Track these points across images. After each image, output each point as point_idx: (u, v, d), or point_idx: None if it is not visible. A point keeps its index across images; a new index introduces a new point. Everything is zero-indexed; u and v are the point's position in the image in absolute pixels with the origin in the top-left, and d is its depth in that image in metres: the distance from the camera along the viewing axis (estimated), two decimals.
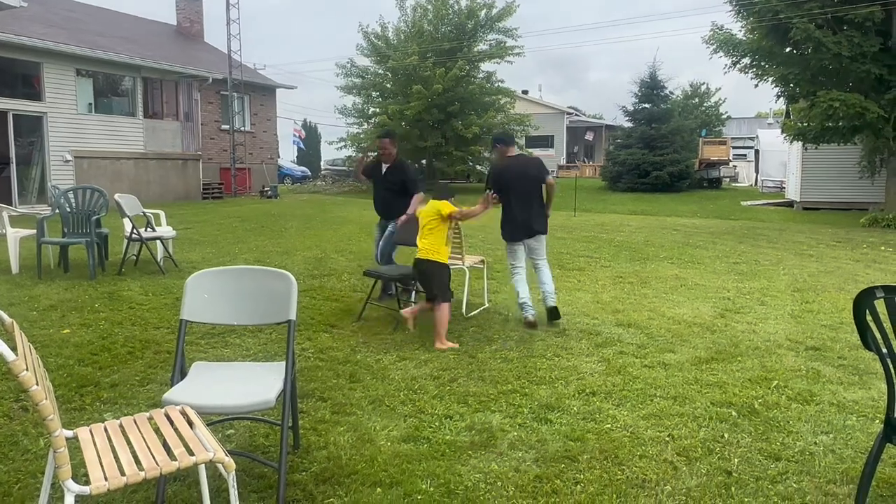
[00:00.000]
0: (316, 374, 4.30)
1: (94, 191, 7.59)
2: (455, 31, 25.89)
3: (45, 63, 16.16)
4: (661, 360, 4.72)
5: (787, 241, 12.02)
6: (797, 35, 13.39)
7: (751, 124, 51.60)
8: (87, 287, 6.80)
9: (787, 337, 5.44)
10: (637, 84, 28.28)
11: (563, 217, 16.39)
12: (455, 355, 4.77)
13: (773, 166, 28.88)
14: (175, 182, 19.71)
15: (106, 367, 4.36)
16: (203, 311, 3.04)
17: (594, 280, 7.86)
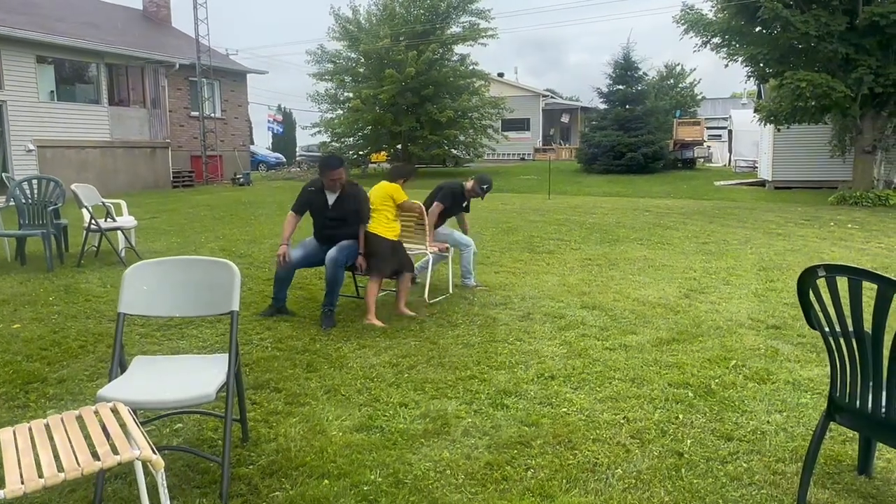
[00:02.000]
0: (272, 365, 4.22)
1: (50, 181, 7.39)
2: (427, 14, 25.63)
3: (2, 50, 15.71)
4: (623, 342, 4.71)
5: (757, 221, 12.11)
6: (765, 14, 13.41)
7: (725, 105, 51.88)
8: (44, 280, 6.64)
9: (749, 316, 5.47)
10: (611, 66, 28.28)
11: (537, 200, 16.37)
12: (416, 341, 4.73)
13: (745, 146, 29.08)
14: (144, 171, 19.36)
15: (55, 363, 4.25)
16: (142, 303, 2.95)
17: (563, 263, 7.85)
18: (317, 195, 5.48)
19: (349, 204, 5.40)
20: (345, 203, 5.39)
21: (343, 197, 5.40)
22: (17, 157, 16.04)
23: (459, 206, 6.66)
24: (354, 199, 5.42)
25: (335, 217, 5.39)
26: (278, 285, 5.47)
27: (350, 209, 5.37)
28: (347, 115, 26.02)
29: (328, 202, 5.41)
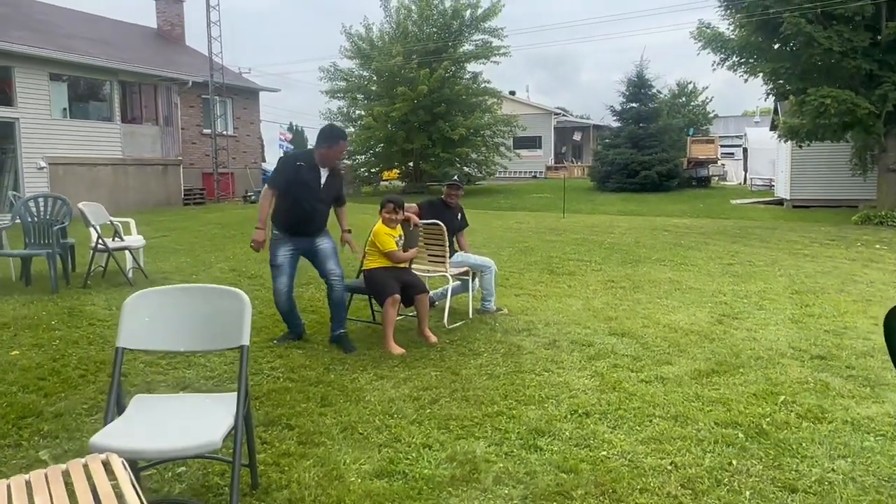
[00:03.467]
0: (284, 398, 3.93)
1: (57, 199, 7.18)
2: (440, 32, 25.58)
3: (16, 67, 15.68)
4: (659, 374, 4.39)
5: (781, 241, 11.76)
6: (787, 30, 13.15)
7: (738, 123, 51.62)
8: (48, 302, 6.40)
9: (790, 344, 5.13)
10: (624, 83, 28.09)
11: (552, 219, 16.08)
12: (437, 372, 4.42)
13: (761, 164, 28.75)
14: (155, 188, 19.25)
15: (53, 394, 3.97)
16: (144, 336, 2.68)
17: (585, 285, 7.53)
18: (309, 172, 4.86)
19: (337, 184, 5.10)
20: (335, 182, 5.05)
21: (333, 174, 5.01)
22: (29, 174, 15.95)
23: (442, 217, 5.80)
24: (341, 179, 5.18)
25: (324, 199, 4.97)
26: (289, 315, 5.13)
27: (335, 191, 5.06)
28: (359, 133, 25.92)
29: (321, 180, 4.91)
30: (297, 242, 4.95)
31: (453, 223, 6.09)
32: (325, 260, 4.99)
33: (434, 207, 6.08)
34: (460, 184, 6.27)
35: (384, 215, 5.13)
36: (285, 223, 4.93)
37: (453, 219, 6.11)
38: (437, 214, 5.86)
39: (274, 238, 4.98)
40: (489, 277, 6.01)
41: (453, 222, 6.09)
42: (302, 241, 4.96)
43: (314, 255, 5.02)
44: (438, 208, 6.08)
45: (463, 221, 6.31)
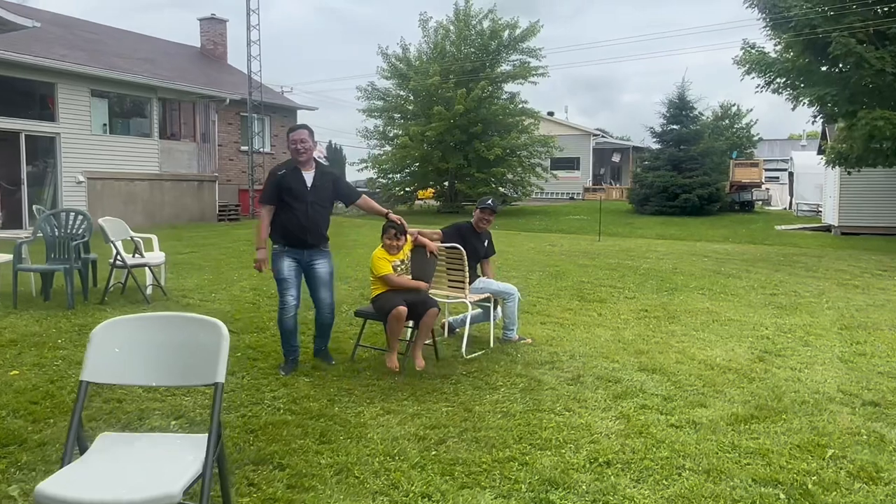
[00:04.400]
0: (281, 433, 3.66)
1: (78, 214, 7.12)
2: (478, 52, 25.49)
3: (59, 83, 16.04)
4: (691, 418, 4.00)
5: (828, 270, 11.14)
6: (837, 50, 12.58)
7: (783, 146, 50.36)
8: (61, 318, 6.29)
9: (839, 388, 4.67)
10: (665, 105, 27.55)
11: (586, 242, 15.65)
12: (448, 407, 4.11)
13: (808, 189, 27.77)
14: (190, 203, 19.43)
15: (41, 420, 3.78)
16: (112, 369, 2.45)
17: (616, 314, 7.14)
18: (292, 176, 4.71)
19: (327, 179, 4.86)
20: (325, 181, 4.83)
21: (320, 173, 4.82)
22: (68, 188, 16.23)
23: (468, 243, 5.56)
24: (331, 173, 4.97)
25: (316, 201, 4.77)
26: (292, 336, 4.90)
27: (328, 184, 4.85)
28: (395, 152, 25.89)
29: (307, 183, 4.75)
30: (296, 254, 4.82)
31: (479, 250, 5.80)
32: (320, 286, 4.91)
33: (461, 233, 5.74)
34: (495, 208, 5.87)
35: (385, 241, 4.90)
36: (281, 233, 4.80)
37: (480, 245, 5.82)
38: (464, 240, 5.55)
39: (275, 252, 4.84)
40: (512, 305, 5.68)
41: (479, 249, 5.80)
42: (300, 253, 4.82)
43: (309, 275, 4.90)
44: (466, 234, 5.74)
45: (490, 248, 6.00)
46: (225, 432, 3.63)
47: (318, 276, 4.88)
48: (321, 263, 4.89)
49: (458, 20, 25.73)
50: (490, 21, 25.55)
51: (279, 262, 4.78)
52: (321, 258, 4.89)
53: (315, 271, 4.87)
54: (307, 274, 4.89)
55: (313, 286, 4.92)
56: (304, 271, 4.87)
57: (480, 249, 5.81)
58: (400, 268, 4.92)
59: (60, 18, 20.99)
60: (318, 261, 4.87)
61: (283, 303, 4.82)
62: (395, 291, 4.83)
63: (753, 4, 14.45)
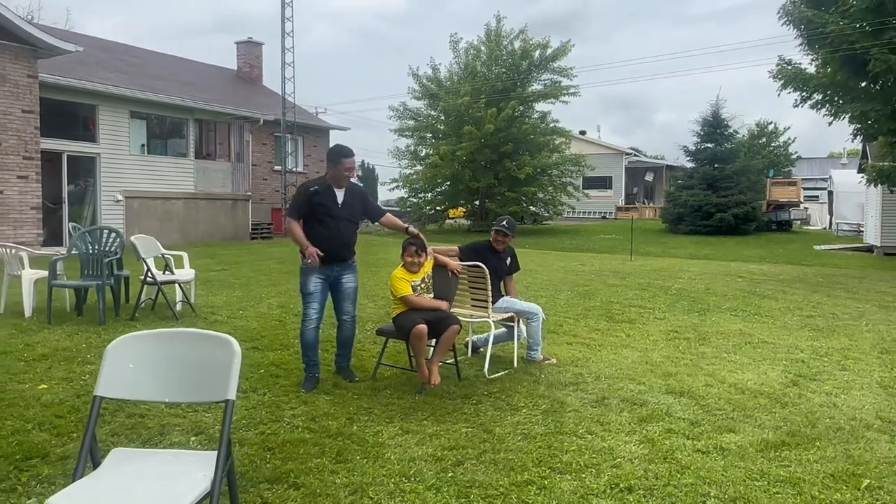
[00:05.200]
0: (297, 451, 3.64)
1: (111, 231, 7.28)
2: (508, 72, 25.57)
3: (100, 105, 16.55)
4: (719, 443, 3.86)
5: (869, 291, 10.78)
6: (877, 67, 12.27)
7: (823, 165, 49.31)
8: (92, 334, 6.41)
9: (878, 414, 4.48)
10: (699, 123, 27.22)
11: (617, 261, 15.45)
12: (468, 428, 4.05)
13: (849, 208, 27.08)
14: (224, 222, 19.78)
15: (65, 434, 3.83)
16: (125, 384, 2.46)
17: (645, 335, 6.99)
18: (325, 194, 4.84)
19: (359, 201, 5.02)
20: (355, 199, 4.97)
21: (350, 192, 4.94)
22: (106, 207, 16.67)
23: (489, 262, 5.45)
24: (360, 191, 5.10)
25: (347, 217, 4.94)
26: (311, 350, 4.91)
27: (360, 207, 5.01)
28: (426, 171, 26.02)
29: (338, 200, 4.87)
30: (325, 271, 4.88)
31: (500, 267, 5.75)
32: (344, 299, 5.04)
33: (479, 252, 5.69)
34: (508, 231, 5.77)
35: (406, 259, 4.88)
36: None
37: (500, 263, 5.77)
38: (483, 259, 5.49)
39: (303, 266, 4.90)
40: (536, 325, 5.60)
41: (500, 266, 5.75)
42: (330, 269, 4.91)
43: (336, 290, 5.01)
44: (483, 253, 5.68)
45: (513, 265, 5.96)
46: (242, 449, 3.64)
47: (344, 289, 5.01)
48: (348, 278, 5.02)
49: (489, 40, 25.89)
50: (521, 41, 25.64)
51: (307, 277, 4.87)
52: (348, 272, 5.03)
53: (342, 285, 5.00)
54: (334, 288, 4.98)
55: (339, 299, 5.03)
56: (330, 286, 4.96)
57: (501, 268, 5.76)
58: (420, 287, 4.89)
59: (103, 43, 21.73)
60: (346, 275, 5.00)
61: (306, 314, 4.89)
62: (415, 310, 4.80)
63: (789, 21, 14.23)
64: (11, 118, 13.52)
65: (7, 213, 13.55)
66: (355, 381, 4.98)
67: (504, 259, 5.82)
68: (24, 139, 13.73)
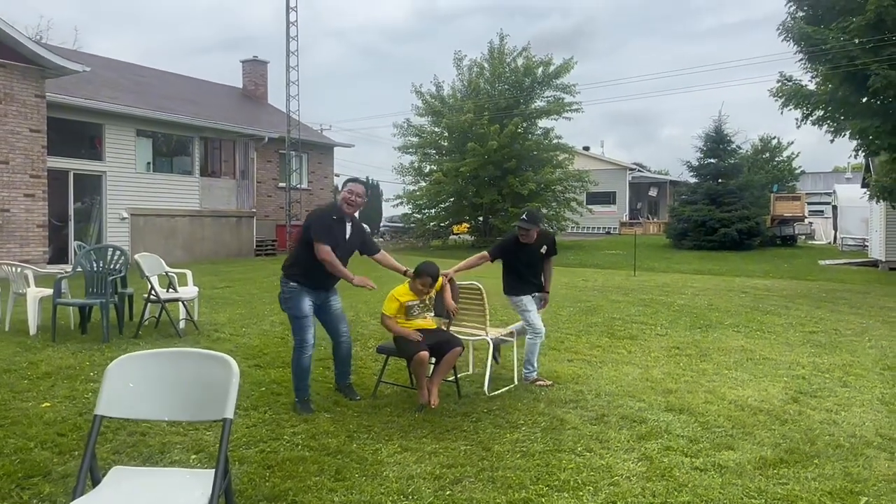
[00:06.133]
0: (297, 469, 3.66)
1: (116, 249, 7.35)
2: (512, 89, 25.76)
3: (106, 124, 16.72)
4: (717, 461, 3.87)
5: (873, 307, 10.76)
6: (877, 83, 12.34)
7: (827, 179, 49.26)
8: (96, 352, 6.45)
9: (878, 431, 4.48)
10: (702, 139, 27.32)
11: (621, 277, 15.45)
12: (467, 446, 4.06)
13: (853, 223, 27.05)
14: (228, 239, 19.88)
15: (67, 452, 3.87)
16: (125, 403, 2.50)
17: (646, 351, 7.00)
18: (339, 225, 4.86)
19: (359, 234, 5.05)
20: (356, 235, 5.01)
21: (355, 227, 4.99)
22: (112, 224, 16.79)
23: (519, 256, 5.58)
24: (361, 231, 5.10)
25: (349, 250, 4.99)
26: (307, 375, 4.84)
27: (358, 243, 5.02)
28: (430, 187, 26.14)
29: (346, 234, 4.91)
30: (316, 296, 4.88)
31: (534, 259, 5.67)
32: (337, 321, 5.07)
33: (505, 250, 5.68)
34: (529, 223, 5.56)
35: (417, 285, 4.85)
36: (311, 277, 4.82)
37: (533, 255, 5.65)
38: (512, 254, 5.63)
39: (294, 291, 4.80)
40: (533, 344, 5.57)
41: (533, 258, 5.66)
42: (320, 294, 4.91)
43: (327, 312, 5.01)
44: (511, 247, 5.64)
45: (550, 251, 5.79)
46: (242, 467, 3.67)
47: (335, 310, 5.04)
48: (335, 299, 5.06)
49: (492, 58, 26.11)
50: (524, 58, 25.86)
51: (300, 301, 4.79)
52: (334, 294, 5.06)
53: (332, 307, 5.02)
54: (324, 310, 4.99)
55: (332, 320, 5.05)
56: (319, 309, 4.94)
57: (535, 258, 5.67)
58: (419, 306, 4.92)
59: (110, 62, 21.99)
60: (333, 296, 5.04)
61: (303, 341, 4.80)
62: (417, 332, 4.81)
63: (789, 38, 14.33)
64: (19, 137, 13.69)
65: (13, 231, 13.67)
66: (356, 399, 5.00)
67: (538, 249, 5.66)
68: (31, 158, 13.88)
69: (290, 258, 4.99)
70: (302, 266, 4.82)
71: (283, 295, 4.86)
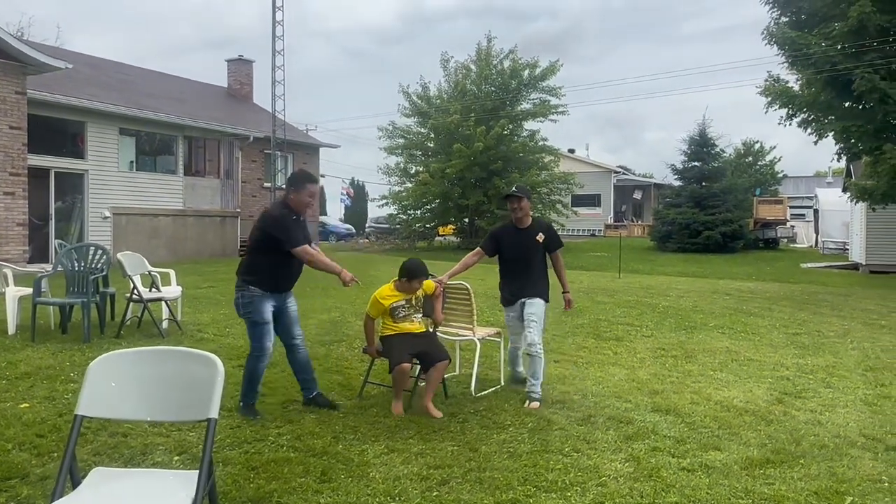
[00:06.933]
0: (282, 470, 3.62)
1: (98, 248, 7.24)
2: (498, 91, 25.78)
3: (89, 122, 16.50)
4: (704, 461, 3.87)
5: (854, 309, 10.87)
6: (861, 86, 12.49)
7: (809, 183, 49.82)
8: (76, 352, 6.35)
9: (861, 432, 4.51)
10: (686, 142, 27.53)
11: (606, 279, 15.50)
12: (454, 447, 4.03)
13: (834, 227, 27.38)
14: (212, 239, 19.69)
15: (46, 454, 3.79)
16: (107, 403, 2.45)
17: (632, 353, 7.01)
18: (298, 224, 4.64)
19: (306, 230, 4.79)
20: (306, 229, 4.78)
21: (306, 223, 4.81)
22: (94, 223, 16.56)
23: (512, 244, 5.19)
24: (306, 227, 4.82)
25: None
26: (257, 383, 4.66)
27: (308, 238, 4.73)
28: (415, 189, 26.09)
29: (306, 231, 4.76)
30: (275, 299, 4.67)
31: (529, 244, 5.12)
32: (292, 323, 4.83)
33: (496, 238, 5.31)
34: (518, 193, 5.13)
35: (403, 283, 4.80)
36: (272, 280, 4.59)
37: (529, 240, 5.13)
38: (502, 243, 5.22)
39: (257, 297, 4.57)
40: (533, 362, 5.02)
41: (529, 243, 5.12)
42: (278, 297, 4.69)
43: (284, 315, 4.76)
44: (502, 236, 5.29)
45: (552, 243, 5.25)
46: (226, 469, 3.61)
47: (291, 312, 4.82)
48: (291, 301, 4.83)
49: (479, 59, 26.13)
50: (511, 61, 25.90)
51: (262, 306, 4.57)
52: (291, 296, 4.85)
53: (288, 309, 4.80)
54: (282, 313, 4.74)
55: (287, 323, 4.80)
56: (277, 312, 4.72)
57: (530, 245, 5.15)
58: (406, 307, 4.88)
59: (93, 60, 21.73)
60: (290, 298, 4.82)
61: (264, 349, 4.60)
62: (404, 339, 4.75)
63: (773, 42, 14.48)
64: None
65: None
66: (336, 407, 4.77)
67: (532, 236, 5.15)
68: (11, 155, 13.66)
69: (247, 264, 4.66)
70: (263, 271, 4.58)
71: (241, 300, 4.61)
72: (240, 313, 4.69)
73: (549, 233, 5.29)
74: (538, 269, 5.22)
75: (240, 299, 4.63)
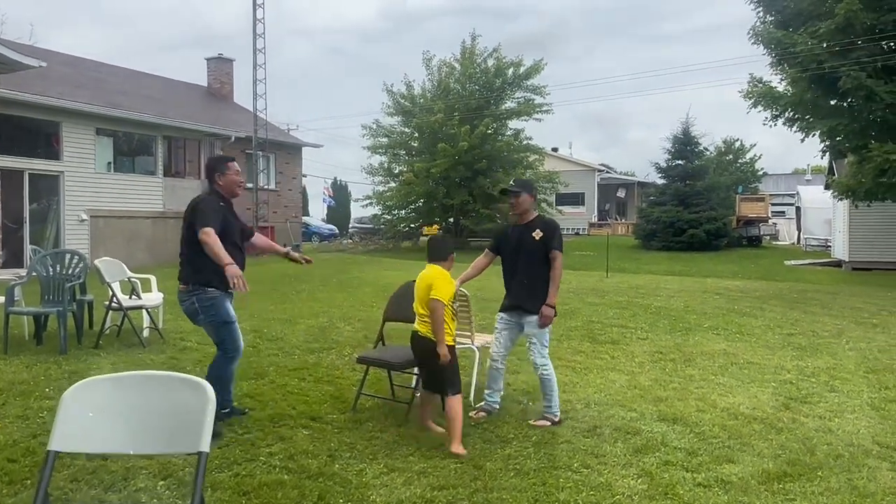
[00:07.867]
0: (275, 496, 3.38)
1: (74, 254, 6.93)
2: (482, 90, 25.61)
3: (64, 122, 16.04)
4: (720, 476, 3.70)
5: (844, 307, 10.83)
6: (848, 84, 12.47)
7: (788, 181, 50.30)
8: (52, 364, 6.03)
9: (874, 439, 4.37)
10: (670, 141, 27.55)
11: (594, 279, 15.37)
12: (457, 464, 3.82)
13: (816, 224, 27.57)
14: None
15: (18, 482, 3.51)
16: (84, 436, 2.20)
17: (630, 356, 6.85)
18: (229, 211, 4.44)
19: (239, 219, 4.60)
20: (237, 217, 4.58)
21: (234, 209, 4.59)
22: (71, 226, 16.12)
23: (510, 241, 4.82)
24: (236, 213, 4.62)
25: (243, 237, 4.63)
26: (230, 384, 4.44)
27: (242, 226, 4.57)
28: (400, 188, 25.84)
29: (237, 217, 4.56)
30: (230, 298, 4.47)
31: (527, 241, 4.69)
32: None
33: (505, 231, 4.99)
34: (514, 188, 4.82)
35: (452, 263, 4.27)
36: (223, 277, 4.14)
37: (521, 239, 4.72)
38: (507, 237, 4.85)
39: (219, 297, 4.33)
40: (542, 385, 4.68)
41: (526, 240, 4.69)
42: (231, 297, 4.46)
43: None
44: (502, 234, 5.03)
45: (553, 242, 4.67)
46: (216, 494, 3.38)
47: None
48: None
49: (463, 58, 25.93)
50: (495, 59, 25.73)
51: (224, 305, 4.38)
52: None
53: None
54: None
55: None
56: None
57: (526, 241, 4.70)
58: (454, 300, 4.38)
59: (68, 58, 21.18)
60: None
61: (237, 348, 4.45)
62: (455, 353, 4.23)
63: (759, 41, 14.45)
64: None
65: None
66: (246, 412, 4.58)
67: (529, 233, 4.70)
68: None
69: (194, 265, 4.32)
70: (212, 269, 4.21)
71: (200, 305, 4.31)
72: (199, 320, 4.38)
73: (547, 230, 4.72)
74: (538, 273, 4.66)
75: (197, 304, 4.31)
